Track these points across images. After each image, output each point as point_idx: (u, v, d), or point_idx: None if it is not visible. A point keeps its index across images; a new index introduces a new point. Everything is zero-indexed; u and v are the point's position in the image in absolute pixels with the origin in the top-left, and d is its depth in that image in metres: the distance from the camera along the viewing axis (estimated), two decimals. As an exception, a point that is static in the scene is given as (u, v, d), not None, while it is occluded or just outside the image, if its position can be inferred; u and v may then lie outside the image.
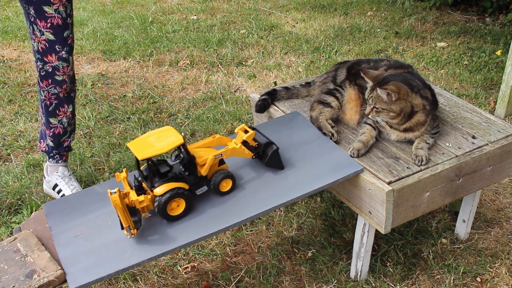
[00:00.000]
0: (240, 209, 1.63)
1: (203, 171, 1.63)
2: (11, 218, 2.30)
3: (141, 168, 1.62)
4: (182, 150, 1.60)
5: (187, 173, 1.62)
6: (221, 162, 1.70)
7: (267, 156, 1.75)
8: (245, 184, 1.73)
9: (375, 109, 1.81)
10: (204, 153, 1.65)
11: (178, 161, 1.65)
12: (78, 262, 1.51)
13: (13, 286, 1.43)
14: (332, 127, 1.93)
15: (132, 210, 1.53)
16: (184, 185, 1.59)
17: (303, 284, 1.96)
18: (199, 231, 1.57)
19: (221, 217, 1.61)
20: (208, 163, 1.63)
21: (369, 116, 1.84)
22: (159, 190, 1.56)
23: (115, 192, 1.47)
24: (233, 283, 1.96)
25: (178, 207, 1.59)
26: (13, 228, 2.19)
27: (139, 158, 1.50)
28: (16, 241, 1.60)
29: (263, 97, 2.14)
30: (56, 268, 1.49)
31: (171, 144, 1.54)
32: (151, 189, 1.57)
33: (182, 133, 1.59)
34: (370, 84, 1.86)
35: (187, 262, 2.07)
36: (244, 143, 1.75)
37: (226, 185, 1.68)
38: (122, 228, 1.54)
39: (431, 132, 1.85)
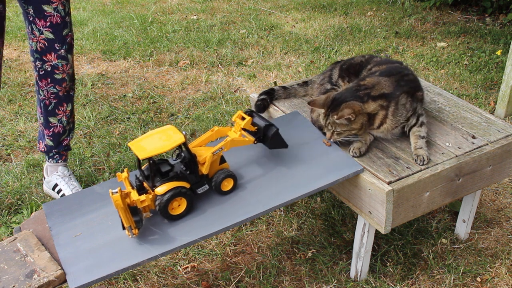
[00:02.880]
0: (241, 208, 1.63)
1: (204, 170, 1.63)
2: (11, 218, 2.30)
3: (142, 167, 1.62)
4: (183, 149, 1.60)
5: (188, 172, 1.62)
6: (222, 160, 1.70)
7: (268, 138, 1.75)
8: (246, 183, 1.73)
9: (335, 133, 1.81)
10: (204, 151, 1.65)
11: (179, 160, 1.65)
12: (78, 262, 1.51)
13: (13, 286, 1.43)
14: None
15: (133, 210, 1.53)
16: (186, 184, 1.59)
17: (303, 284, 1.96)
18: (200, 230, 1.57)
19: (222, 216, 1.61)
20: (208, 161, 1.63)
21: (331, 140, 1.84)
22: (160, 189, 1.56)
23: (117, 192, 1.47)
24: (233, 283, 1.95)
25: (179, 206, 1.60)
26: (13, 228, 2.19)
27: (140, 157, 1.50)
28: (16, 241, 1.60)
29: (262, 97, 2.14)
30: (56, 268, 1.49)
31: (172, 143, 1.54)
32: (152, 188, 1.57)
33: (183, 132, 1.58)
34: (321, 111, 1.84)
35: (187, 262, 2.07)
36: (244, 129, 1.76)
37: (228, 185, 1.69)
38: (124, 228, 1.54)
39: (418, 123, 1.84)
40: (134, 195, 1.55)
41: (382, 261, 2.03)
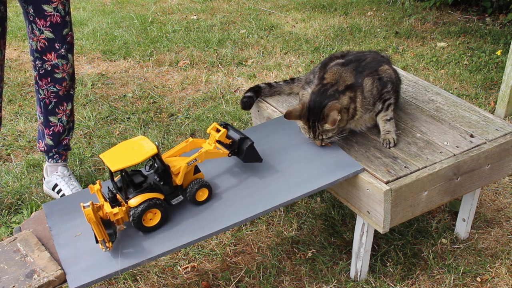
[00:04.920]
0: (242, 208, 1.63)
1: (178, 180, 1.59)
2: (11, 218, 2.30)
3: (115, 179, 1.58)
4: (156, 159, 1.57)
5: (162, 183, 1.59)
6: (197, 170, 1.67)
7: (243, 152, 1.72)
8: (245, 182, 1.74)
9: (325, 138, 1.81)
10: (178, 162, 1.61)
11: (152, 171, 1.61)
12: (78, 262, 1.51)
13: (13, 286, 1.44)
14: None
15: (106, 223, 1.49)
16: (159, 195, 1.56)
17: (303, 284, 1.96)
18: (204, 229, 1.57)
19: (220, 214, 1.61)
20: (182, 172, 1.59)
21: (323, 144, 1.84)
22: (134, 201, 1.52)
23: (88, 206, 1.43)
24: (233, 283, 1.96)
25: (154, 217, 1.56)
26: (13, 228, 2.20)
27: (112, 169, 1.46)
28: (16, 241, 1.60)
29: (248, 94, 2.15)
30: (56, 268, 1.49)
31: (145, 155, 1.50)
32: (125, 200, 1.53)
33: (156, 143, 1.55)
34: (302, 123, 1.83)
35: (187, 262, 2.07)
36: (219, 142, 1.73)
37: (203, 195, 1.65)
38: (97, 241, 1.49)
39: (384, 107, 1.87)
40: (107, 208, 1.51)
41: (382, 261, 2.03)
